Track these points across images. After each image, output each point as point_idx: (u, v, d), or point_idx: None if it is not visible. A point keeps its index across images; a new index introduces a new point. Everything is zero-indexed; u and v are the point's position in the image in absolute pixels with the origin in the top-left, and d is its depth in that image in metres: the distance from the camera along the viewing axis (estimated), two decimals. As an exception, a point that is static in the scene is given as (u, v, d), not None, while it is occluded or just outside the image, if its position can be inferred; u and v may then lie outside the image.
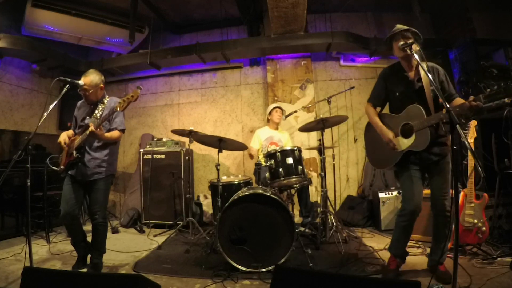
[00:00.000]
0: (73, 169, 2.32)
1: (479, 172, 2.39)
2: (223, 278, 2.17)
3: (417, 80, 2.08)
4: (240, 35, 4.76)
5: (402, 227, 2.13)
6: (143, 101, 5.02)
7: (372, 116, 2.25)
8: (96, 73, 2.39)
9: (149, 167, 4.01)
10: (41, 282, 1.39)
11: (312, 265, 2.33)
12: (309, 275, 1.33)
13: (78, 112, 2.51)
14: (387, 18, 4.57)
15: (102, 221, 2.39)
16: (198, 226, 3.27)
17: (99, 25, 4.12)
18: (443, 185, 2.06)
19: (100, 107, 2.37)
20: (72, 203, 2.30)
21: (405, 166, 2.13)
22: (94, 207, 2.35)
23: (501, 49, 3.57)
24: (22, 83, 4.27)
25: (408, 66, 2.12)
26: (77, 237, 2.42)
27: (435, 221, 2.13)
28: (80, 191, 2.36)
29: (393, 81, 2.18)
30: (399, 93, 2.13)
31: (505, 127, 2.68)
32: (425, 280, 1.79)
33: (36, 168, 3.37)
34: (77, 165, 2.31)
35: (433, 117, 1.92)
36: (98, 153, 2.36)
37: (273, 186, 2.76)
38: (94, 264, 2.38)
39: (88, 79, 2.34)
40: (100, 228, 2.39)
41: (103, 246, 2.46)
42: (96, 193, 2.35)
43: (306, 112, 4.29)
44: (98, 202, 2.35)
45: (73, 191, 2.32)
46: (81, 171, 2.31)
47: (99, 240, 2.41)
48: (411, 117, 2.04)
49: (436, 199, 2.07)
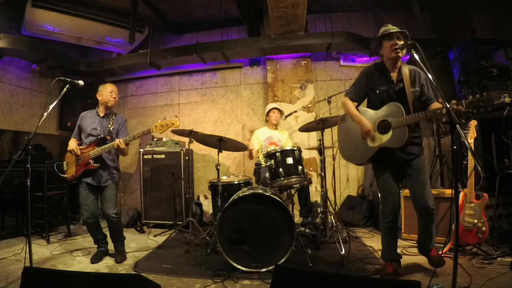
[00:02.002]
0: (88, 177, 2.61)
1: (479, 172, 2.40)
2: (223, 278, 2.17)
3: (398, 80, 2.11)
4: (240, 35, 4.76)
5: (388, 228, 2.15)
6: (143, 101, 5.02)
7: (350, 108, 2.25)
8: None
9: (149, 167, 4.01)
10: (41, 282, 1.39)
11: (312, 265, 2.33)
12: (309, 275, 1.33)
13: (85, 122, 2.71)
14: (387, 18, 4.55)
15: (116, 217, 2.68)
16: (198, 226, 3.27)
17: (99, 25, 4.12)
18: (420, 183, 2.06)
19: (111, 121, 2.71)
20: (92, 206, 2.63)
21: (380, 167, 2.16)
22: (108, 205, 2.64)
23: (501, 49, 3.57)
24: (22, 83, 4.26)
25: (392, 67, 2.15)
26: (97, 235, 2.73)
27: (420, 220, 2.12)
28: (96, 194, 2.68)
29: (375, 79, 2.19)
30: (380, 91, 2.15)
31: (505, 127, 2.68)
32: (425, 280, 1.79)
33: (36, 168, 3.37)
34: (93, 173, 2.60)
35: (413, 116, 1.93)
36: (112, 162, 2.70)
37: (273, 186, 2.76)
38: (119, 251, 2.73)
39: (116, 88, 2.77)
40: (116, 223, 2.69)
41: (122, 235, 2.80)
42: (109, 193, 2.65)
43: (306, 112, 4.29)
44: (111, 200, 2.65)
45: (91, 195, 2.63)
46: (98, 178, 2.62)
47: (117, 232, 2.74)
48: (390, 114, 2.05)
49: (417, 200, 2.07)
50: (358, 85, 2.28)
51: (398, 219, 2.13)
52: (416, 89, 2.08)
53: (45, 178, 3.38)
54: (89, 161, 2.54)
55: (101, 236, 2.74)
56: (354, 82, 2.33)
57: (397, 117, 1.99)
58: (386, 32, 2.10)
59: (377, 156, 2.11)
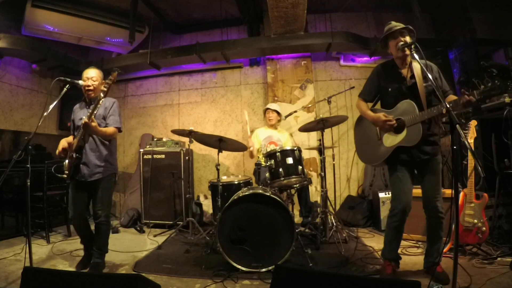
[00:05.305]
0: (77, 173, 2.31)
1: (479, 172, 2.39)
2: (223, 278, 2.17)
3: (410, 77, 2.08)
4: (240, 35, 4.76)
5: (394, 227, 2.12)
6: (143, 101, 5.02)
7: (364, 109, 2.24)
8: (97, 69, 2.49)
9: (149, 167, 4.01)
10: (41, 282, 1.39)
11: (312, 265, 2.33)
12: (309, 275, 1.33)
13: (76, 115, 2.46)
14: (387, 18, 4.51)
15: (105, 221, 2.38)
16: (198, 226, 3.27)
17: (99, 25, 4.12)
18: (434, 187, 2.04)
19: None
20: (79, 205, 2.36)
21: (395, 164, 2.12)
22: (97, 206, 2.35)
23: (501, 49, 3.57)
24: (22, 83, 4.27)
25: (402, 64, 2.12)
26: (85, 237, 2.46)
27: (428, 223, 2.11)
28: (84, 192, 2.39)
29: (386, 78, 2.17)
30: (392, 89, 2.13)
31: (505, 127, 2.68)
32: (425, 280, 1.79)
33: (36, 168, 3.36)
34: (78, 166, 2.29)
35: (426, 112, 1.91)
36: (97, 153, 2.35)
37: (273, 186, 2.76)
38: (95, 264, 2.35)
39: (95, 71, 2.42)
40: (102, 228, 2.38)
41: (105, 246, 2.46)
42: (98, 193, 2.35)
43: (306, 112, 4.29)
44: (101, 200, 2.36)
45: (78, 193, 2.36)
46: (82, 172, 2.30)
47: (101, 239, 2.40)
48: (403, 112, 2.03)
49: (428, 201, 2.05)
50: (370, 84, 2.27)
51: (405, 220, 2.09)
52: (428, 84, 2.02)
53: (45, 178, 3.38)
54: (72, 154, 2.25)
55: (89, 239, 2.46)
56: (366, 82, 2.31)
57: (410, 115, 1.97)
58: (389, 31, 2.09)
59: (392, 155, 2.09)
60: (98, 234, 2.39)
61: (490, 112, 2.99)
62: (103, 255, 2.44)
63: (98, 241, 2.40)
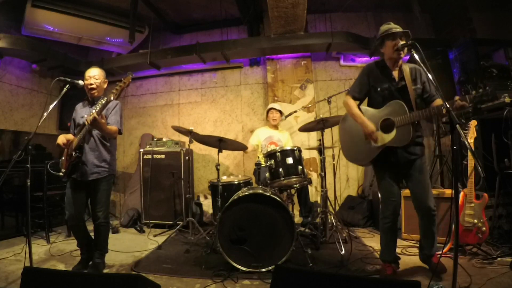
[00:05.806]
0: (74, 172, 2.29)
1: (479, 172, 2.39)
2: (223, 278, 2.17)
3: (400, 78, 2.10)
4: (240, 35, 4.76)
5: (387, 228, 2.13)
6: (143, 101, 5.02)
7: (353, 108, 2.22)
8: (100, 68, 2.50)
9: (149, 167, 4.01)
10: (41, 282, 1.39)
11: (312, 265, 2.33)
12: (309, 275, 1.33)
13: (77, 113, 2.44)
14: (387, 18, 4.50)
15: (104, 221, 2.37)
16: (198, 226, 3.27)
17: (99, 25, 4.12)
18: (424, 187, 2.04)
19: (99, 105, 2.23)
20: (76, 205, 2.32)
21: (382, 166, 2.14)
22: (96, 207, 2.34)
23: (501, 49, 3.57)
24: (22, 83, 4.27)
25: (393, 66, 2.14)
26: (82, 239, 2.44)
27: (421, 222, 2.11)
28: (82, 192, 2.36)
29: (376, 77, 2.18)
30: (381, 89, 2.14)
31: (505, 127, 2.68)
32: (425, 280, 1.79)
33: (36, 168, 3.36)
34: (77, 166, 2.27)
35: (417, 114, 1.92)
36: (97, 152, 2.34)
37: (273, 186, 2.76)
38: (95, 264, 2.35)
39: (98, 70, 2.43)
40: (102, 228, 2.38)
41: (105, 246, 2.45)
42: (98, 193, 2.33)
43: (306, 112, 4.29)
44: (100, 202, 2.34)
45: (76, 193, 2.33)
46: (81, 171, 2.28)
47: (101, 240, 2.40)
48: (392, 112, 2.04)
49: (420, 202, 2.05)
50: (360, 82, 2.27)
51: (397, 220, 2.12)
52: (417, 87, 2.07)
53: (45, 178, 3.38)
54: (72, 152, 2.23)
55: (86, 241, 2.44)
56: (356, 80, 2.31)
57: (401, 115, 1.98)
58: (389, 32, 2.09)
59: (379, 156, 2.10)
60: (98, 235, 2.39)
61: (490, 112, 2.99)
62: (103, 255, 2.44)
63: (99, 242, 2.40)
